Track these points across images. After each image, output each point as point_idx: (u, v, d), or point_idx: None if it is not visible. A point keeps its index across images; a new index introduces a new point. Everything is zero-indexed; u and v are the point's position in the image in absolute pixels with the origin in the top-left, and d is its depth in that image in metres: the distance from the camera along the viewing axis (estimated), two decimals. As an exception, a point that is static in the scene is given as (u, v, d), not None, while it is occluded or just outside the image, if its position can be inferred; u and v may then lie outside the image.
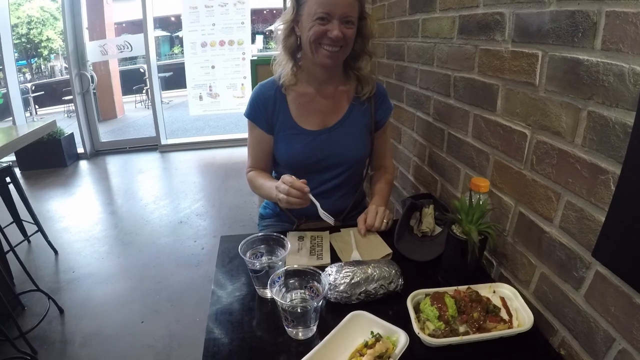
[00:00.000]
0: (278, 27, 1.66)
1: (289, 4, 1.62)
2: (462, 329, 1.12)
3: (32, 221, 3.58)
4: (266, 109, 1.71)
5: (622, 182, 0.92)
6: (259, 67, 3.89)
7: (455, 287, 1.24)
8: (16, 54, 8.20)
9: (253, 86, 1.82)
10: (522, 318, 1.17)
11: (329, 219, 1.53)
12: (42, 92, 11.86)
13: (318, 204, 1.52)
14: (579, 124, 1.04)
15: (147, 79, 6.99)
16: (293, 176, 1.49)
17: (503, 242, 1.43)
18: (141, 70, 11.23)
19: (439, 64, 1.85)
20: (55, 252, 3.75)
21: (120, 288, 3.25)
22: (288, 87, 1.71)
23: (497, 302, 1.22)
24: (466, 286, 1.25)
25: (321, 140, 1.72)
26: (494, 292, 1.27)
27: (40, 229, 3.64)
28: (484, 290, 1.26)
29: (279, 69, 1.73)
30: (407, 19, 2.16)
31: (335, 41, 1.52)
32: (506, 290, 1.26)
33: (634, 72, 0.87)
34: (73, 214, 4.58)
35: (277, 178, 1.81)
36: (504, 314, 1.19)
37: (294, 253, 1.53)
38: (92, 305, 3.03)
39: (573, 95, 1.06)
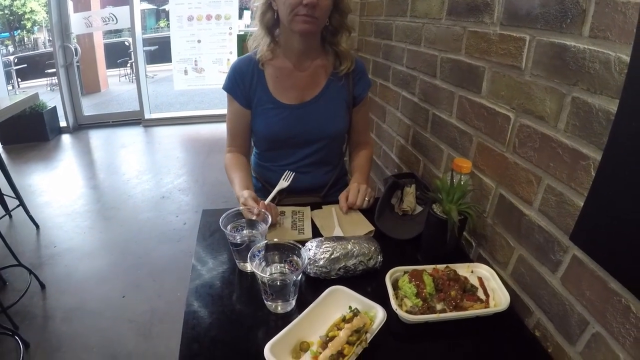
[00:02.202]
0: (255, 3, 1.64)
1: None
2: (439, 306, 1.14)
3: (14, 195, 3.54)
4: (244, 83, 1.71)
5: (602, 168, 0.93)
6: (246, 42, 3.87)
7: (433, 266, 1.26)
8: (-1, 26, 8.06)
9: (239, 62, 1.81)
10: (499, 298, 1.19)
11: (287, 179, 1.69)
12: (25, 65, 11.62)
13: (276, 189, 1.67)
14: (563, 109, 1.05)
15: (132, 53, 6.89)
16: (250, 201, 1.47)
17: (483, 223, 1.44)
18: (126, 43, 11.04)
19: (427, 44, 1.84)
20: (37, 226, 3.73)
21: (102, 263, 3.25)
22: (265, 62, 1.70)
23: (474, 281, 1.24)
24: (444, 265, 1.27)
25: (298, 114, 1.72)
26: (472, 272, 1.29)
27: (22, 204, 3.61)
28: (462, 269, 1.28)
29: (254, 44, 1.72)
30: (397, -2, 2.15)
31: (310, 8, 1.49)
32: (484, 270, 1.28)
33: (620, 60, 0.87)
34: (55, 189, 4.55)
35: (257, 155, 1.86)
36: (481, 294, 1.21)
37: (276, 227, 1.53)
38: (74, 280, 3.03)
39: (558, 81, 1.06)
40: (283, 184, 1.67)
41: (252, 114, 1.75)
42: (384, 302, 1.11)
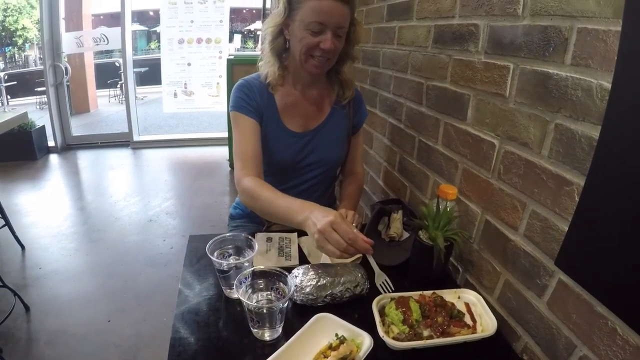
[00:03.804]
0: (267, 28, 1.61)
1: (280, 5, 1.56)
2: (426, 333, 1.13)
3: None
4: (254, 98, 1.64)
5: (585, 193, 0.94)
6: (235, 66, 3.88)
7: (420, 292, 1.25)
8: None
9: (228, 85, 1.79)
10: (486, 323, 1.19)
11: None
12: (15, 82, 11.59)
13: (376, 266, 1.37)
14: (546, 136, 1.07)
15: (122, 74, 6.89)
16: (348, 222, 1.23)
17: (469, 249, 1.45)
18: (117, 64, 11.04)
19: (413, 71, 1.86)
20: (22, 247, 3.67)
21: (88, 286, 3.20)
22: (274, 86, 1.67)
23: (461, 307, 1.24)
24: (431, 291, 1.26)
25: (304, 142, 1.71)
26: (459, 297, 1.29)
27: (8, 223, 3.55)
28: (449, 295, 1.28)
29: (264, 70, 1.67)
30: (384, 25, 2.17)
31: (326, 52, 1.51)
32: (471, 296, 1.28)
33: (602, 87, 0.89)
34: (41, 209, 4.49)
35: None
36: (468, 319, 1.20)
37: (263, 254, 1.52)
38: (59, 303, 2.98)
39: (542, 108, 1.08)
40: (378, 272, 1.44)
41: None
42: (371, 329, 1.11)
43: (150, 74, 10.81)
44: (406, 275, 1.44)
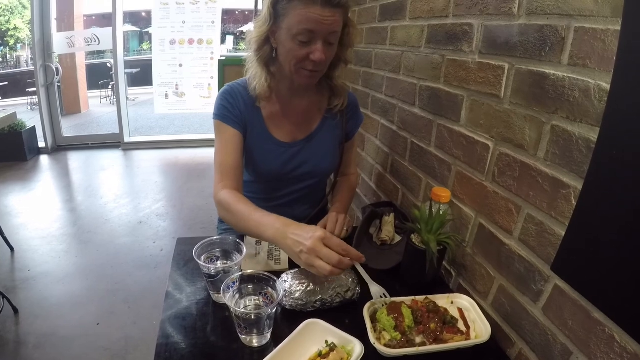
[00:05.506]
0: (251, 37, 1.52)
1: (264, 12, 1.46)
2: (418, 339, 1.12)
3: (-12, 217, 3.47)
4: (238, 107, 1.58)
5: (583, 197, 0.92)
6: (227, 67, 3.87)
7: (412, 297, 1.24)
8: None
9: (220, 87, 1.74)
10: (480, 329, 1.17)
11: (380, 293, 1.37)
12: (6, 83, 11.59)
13: (370, 280, 1.36)
14: (543, 137, 1.05)
15: (114, 75, 6.86)
16: (337, 239, 1.19)
17: (462, 253, 1.43)
18: (108, 65, 11.01)
19: (406, 72, 1.84)
20: (12, 249, 3.64)
21: (77, 288, 3.18)
22: (261, 98, 1.60)
23: (454, 313, 1.23)
24: (424, 296, 1.25)
25: (293, 152, 1.66)
26: (452, 302, 1.27)
27: (-3, 225, 3.54)
28: (442, 300, 1.26)
29: (253, 82, 1.57)
30: (377, 25, 2.16)
31: (317, 64, 1.42)
32: (464, 301, 1.27)
33: (600, 88, 0.87)
34: (31, 211, 4.47)
35: (248, 191, 1.69)
36: (461, 325, 1.19)
37: (252, 257, 1.50)
38: (48, 305, 2.96)
39: (538, 109, 1.07)
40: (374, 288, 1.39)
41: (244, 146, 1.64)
42: (362, 336, 1.09)
43: (142, 75, 10.77)
44: (398, 280, 1.43)
